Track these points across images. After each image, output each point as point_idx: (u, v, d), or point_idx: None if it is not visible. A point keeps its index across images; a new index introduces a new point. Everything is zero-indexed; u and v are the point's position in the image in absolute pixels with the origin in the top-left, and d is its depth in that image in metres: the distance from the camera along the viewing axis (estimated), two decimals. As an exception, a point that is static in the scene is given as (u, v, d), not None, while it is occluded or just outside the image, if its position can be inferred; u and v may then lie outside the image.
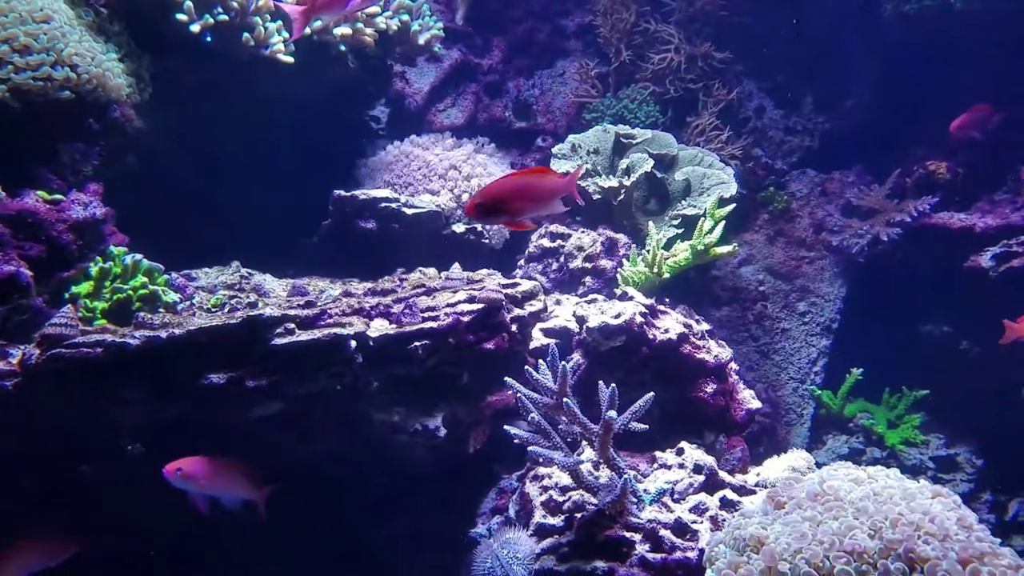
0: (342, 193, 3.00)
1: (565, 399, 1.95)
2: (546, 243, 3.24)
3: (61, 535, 2.12)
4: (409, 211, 2.99)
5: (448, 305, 2.19)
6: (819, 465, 2.09)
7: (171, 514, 2.17)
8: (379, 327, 2.17)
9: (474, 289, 2.29)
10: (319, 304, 2.20)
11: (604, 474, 2.08)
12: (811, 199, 3.81)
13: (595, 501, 2.03)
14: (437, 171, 3.24)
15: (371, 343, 2.14)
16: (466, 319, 2.15)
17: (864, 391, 3.58)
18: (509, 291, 2.35)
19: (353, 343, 2.01)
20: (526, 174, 2.03)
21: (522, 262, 3.29)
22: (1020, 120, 3.43)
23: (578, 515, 2.07)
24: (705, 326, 2.77)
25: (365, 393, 2.18)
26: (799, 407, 3.60)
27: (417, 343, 2.11)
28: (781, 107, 3.93)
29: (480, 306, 2.19)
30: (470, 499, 2.49)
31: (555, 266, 3.23)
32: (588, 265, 3.14)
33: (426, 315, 2.18)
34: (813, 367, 3.62)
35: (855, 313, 3.62)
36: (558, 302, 2.97)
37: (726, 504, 2.04)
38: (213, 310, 2.43)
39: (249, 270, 2.77)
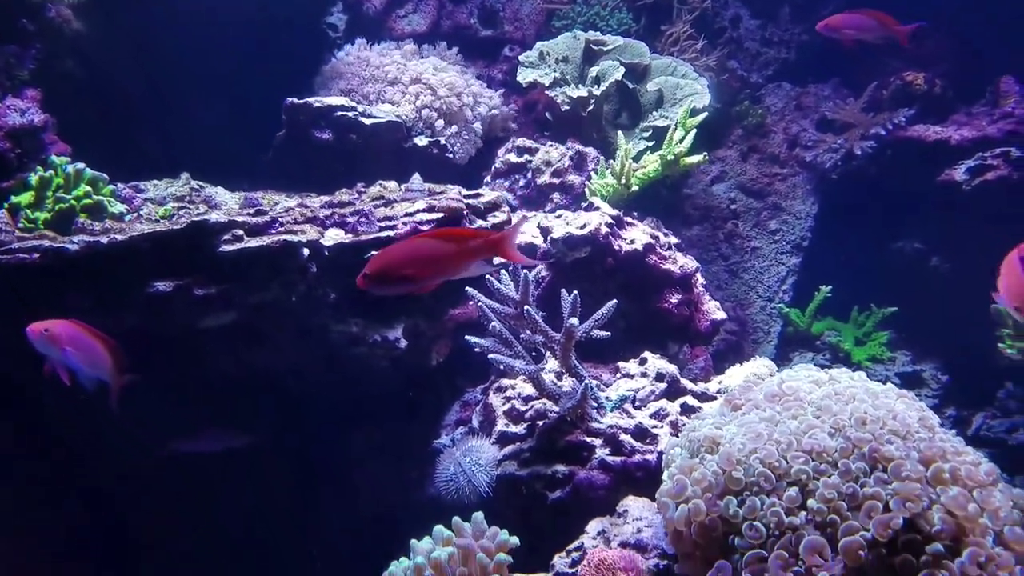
0: (295, 101, 2.86)
1: (527, 307, 1.91)
2: (513, 158, 3.14)
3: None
4: (367, 121, 2.87)
5: (407, 214, 2.12)
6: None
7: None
8: (334, 236, 2.09)
9: (434, 199, 2.21)
10: (270, 213, 2.11)
11: (567, 383, 2.06)
12: (786, 113, 3.72)
13: (557, 408, 2.01)
14: (397, 80, 3.09)
15: (326, 252, 2.07)
16: (425, 228, 2.08)
17: (833, 309, 3.58)
18: (471, 201, 2.27)
19: (306, 251, 1.94)
20: (435, 236, 1.67)
21: (488, 178, 3.20)
22: (1000, 33, 3.34)
23: (540, 423, 2.05)
24: (673, 239, 2.72)
25: (322, 304, 2.12)
26: (767, 325, 3.60)
27: (374, 252, 2.04)
28: (758, 17, 3.79)
29: (440, 215, 2.12)
30: (434, 412, 2.47)
31: (522, 182, 3.14)
32: (556, 181, 3.05)
33: (383, 224, 2.10)
34: (782, 285, 3.60)
35: (827, 230, 3.58)
36: (525, 219, 2.89)
37: (687, 410, 2.03)
38: (161, 222, 2.32)
39: (200, 183, 2.65)
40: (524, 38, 3.74)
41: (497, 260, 1.64)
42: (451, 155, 3.06)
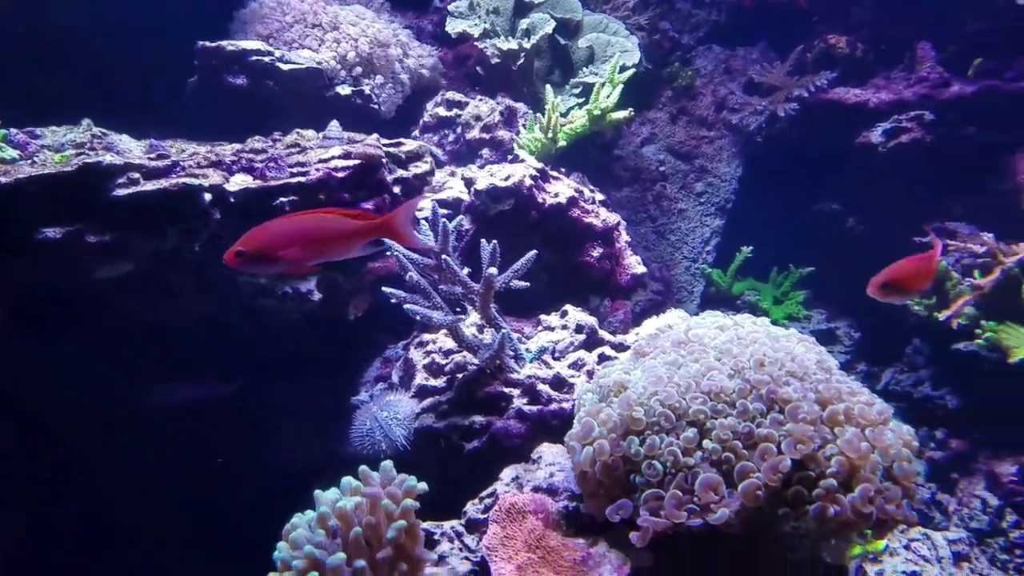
0: (207, 44, 2.72)
1: (445, 256, 1.87)
2: (442, 112, 3.08)
3: None
4: (285, 67, 2.75)
5: (320, 161, 2.04)
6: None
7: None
8: (240, 181, 2.01)
9: (351, 146, 2.14)
10: (173, 157, 2.01)
11: (488, 336, 2.05)
12: (715, 76, 3.74)
13: (476, 360, 1.99)
14: (319, 26, 2.97)
15: (231, 199, 1.98)
16: (340, 175, 2.01)
17: (755, 269, 3.66)
18: (391, 150, 2.21)
19: (207, 196, 1.85)
20: (320, 215, 1.53)
21: (416, 132, 3.13)
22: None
23: (460, 375, 2.04)
24: (599, 196, 2.72)
25: (229, 253, 2.03)
26: (691, 285, 3.66)
27: (283, 199, 1.96)
28: (690, -23, 3.79)
29: (356, 162, 2.05)
30: (355, 369, 2.43)
31: (451, 137, 3.09)
32: (486, 136, 3.01)
33: (295, 170, 2.02)
34: (706, 247, 3.66)
35: (751, 192, 3.64)
36: (453, 174, 2.85)
37: (604, 360, 2.05)
38: (51, 165, 2.19)
39: (104, 130, 2.50)
40: (450, -12, 3.65)
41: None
42: (376, 106, 2.97)
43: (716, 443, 1.34)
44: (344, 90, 2.92)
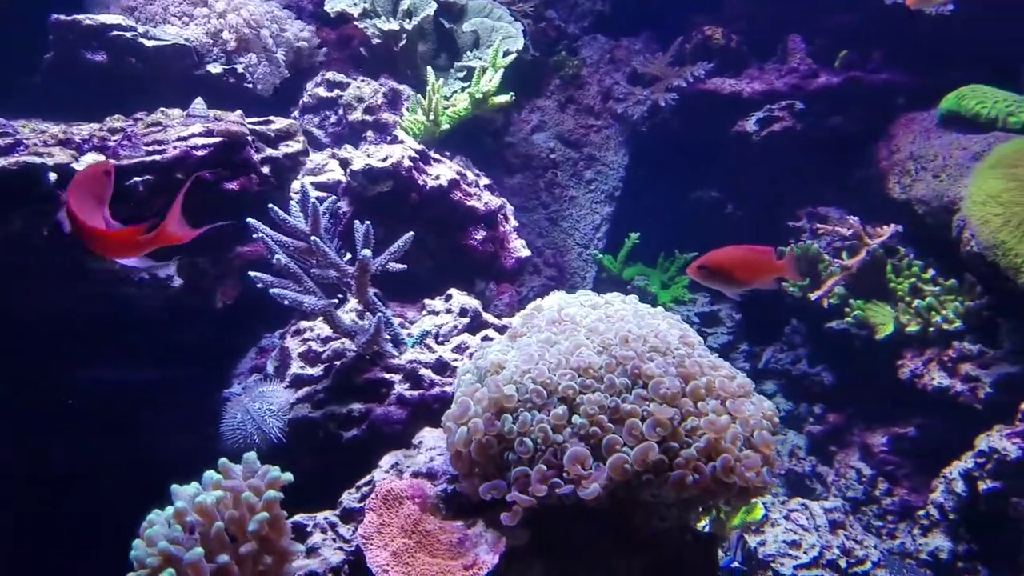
0: (62, 18, 2.52)
1: (314, 238, 1.80)
2: (322, 92, 2.97)
3: None
4: (149, 43, 2.58)
5: (179, 138, 1.92)
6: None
7: None
8: (91, 161, 1.86)
9: (213, 123, 2.02)
10: (16, 136, 1.84)
11: (368, 321, 1.98)
12: (600, 66, 3.79)
13: (355, 347, 1.93)
14: (189, 1, 2.81)
15: (83, 179, 1.83)
16: (200, 153, 1.90)
17: (644, 254, 3.75)
18: (259, 128, 2.11)
19: (52, 175, 1.70)
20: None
21: (296, 114, 3.01)
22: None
23: (338, 363, 1.96)
24: (484, 180, 2.70)
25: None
26: (583, 271, 3.70)
27: (137, 178, 1.83)
28: (574, -35, 3.83)
29: (218, 140, 1.94)
30: (228, 359, 2.31)
31: (333, 119, 2.99)
32: (369, 118, 2.93)
33: (151, 148, 1.89)
34: (596, 233, 3.71)
35: (637, 180, 3.72)
36: (334, 156, 2.75)
37: (487, 342, 2.02)
38: None
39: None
40: (337, -31, 3.53)
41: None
42: (251, 85, 2.83)
43: (584, 418, 1.34)
44: (215, 68, 2.77)
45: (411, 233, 1.89)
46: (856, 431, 3.12)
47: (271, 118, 2.22)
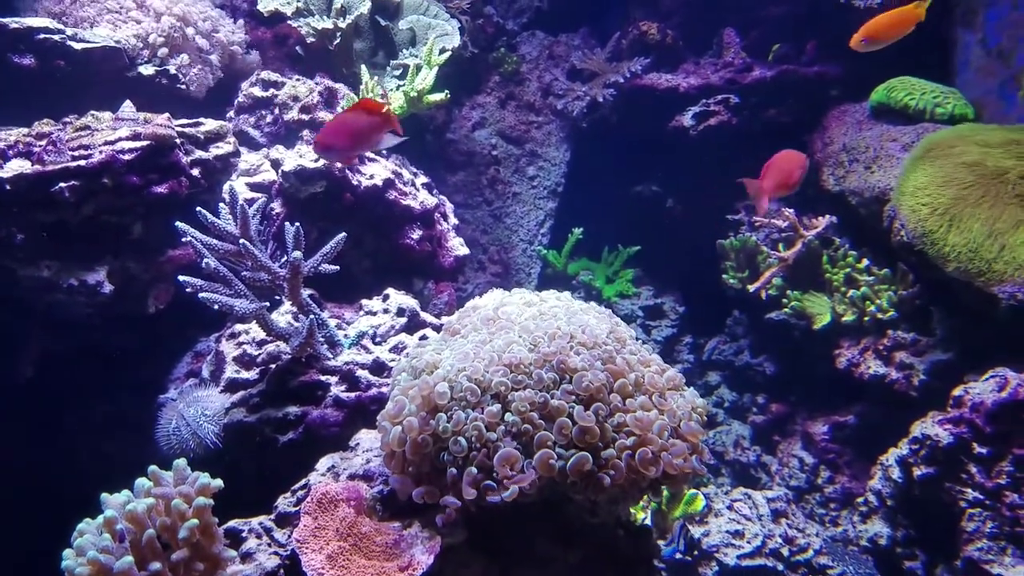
0: (-16, 20, 2.43)
1: (244, 241, 1.77)
2: (258, 92, 2.92)
3: None
4: (78, 45, 2.51)
5: (106, 142, 1.87)
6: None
7: None
8: (16, 167, 1.81)
9: (141, 127, 1.98)
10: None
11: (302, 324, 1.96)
12: (540, 62, 3.81)
13: (288, 349, 1.91)
14: (118, 2, 2.74)
15: (6, 186, 1.78)
16: (126, 157, 1.85)
17: (588, 249, 3.78)
18: (189, 130, 2.07)
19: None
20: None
21: (231, 114, 2.96)
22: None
23: (273, 366, 1.94)
24: (422, 179, 2.69)
25: (6, 245, 1.83)
26: (528, 267, 3.72)
27: (63, 184, 1.78)
28: (512, -38, 3.84)
29: (145, 143, 1.90)
30: (164, 365, 2.27)
31: (269, 119, 2.94)
32: (305, 117, 2.88)
33: (77, 153, 1.84)
34: (540, 229, 3.74)
35: (579, 175, 3.75)
36: (268, 155, 2.71)
37: (424, 341, 2.02)
38: None
39: None
40: (272, -33, 3.48)
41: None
42: (184, 86, 2.77)
43: (516, 415, 1.35)
44: (147, 70, 2.70)
45: (343, 234, 1.88)
46: (799, 420, 3.17)
47: (201, 120, 2.18)
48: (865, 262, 2.82)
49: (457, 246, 2.46)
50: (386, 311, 2.14)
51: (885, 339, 2.66)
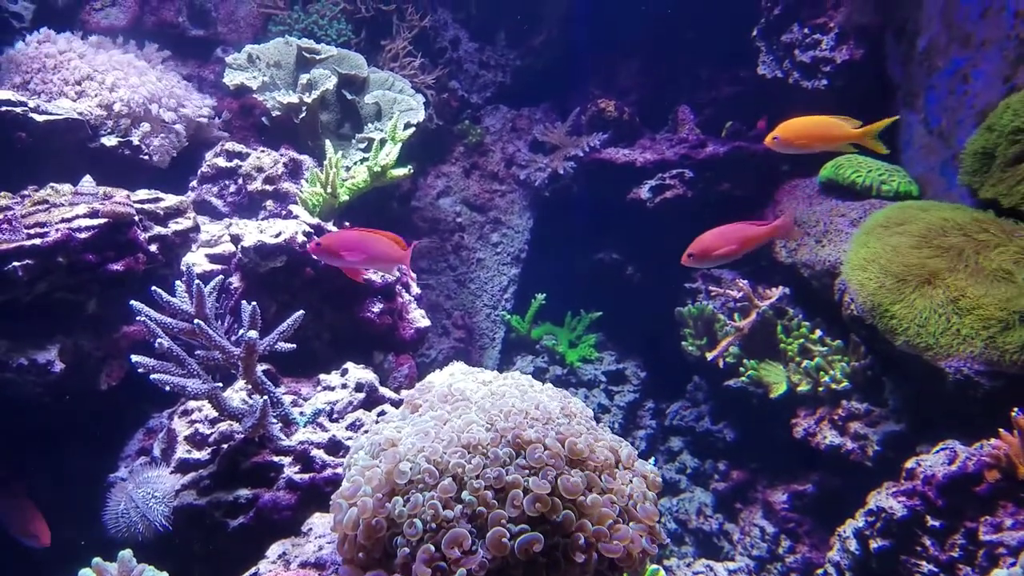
0: (-57, 91, 2.44)
1: (198, 321, 1.77)
2: (222, 163, 2.95)
3: None
4: (40, 118, 2.52)
5: (63, 220, 1.87)
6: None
7: None
8: (-32, 244, 1.79)
9: (102, 203, 1.98)
10: None
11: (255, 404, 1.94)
12: (503, 134, 3.91)
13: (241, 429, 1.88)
14: (84, 75, 2.77)
15: (-44, 264, 1.76)
16: (83, 235, 1.85)
17: (551, 314, 3.82)
18: (149, 206, 2.07)
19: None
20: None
21: (195, 183, 2.97)
22: (681, 68, 3.81)
23: (225, 446, 1.91)
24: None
25: (-46, 325, 1.80)
26: (492, 332, 3.74)
27: (16, 263, 1.77)
28: (476, 40, 3.96)
29: (103, 221, 1.90)
30: (115, 443, 2.22)
31: (233, 188, 2.96)
32: (269, 188, 2.91)
33: (33, 231, 1.83)
34: (504, 294, 3.77)
35: (541, 242, 3.82)
36: (230, 227, 2.72)
37: (383, 417, 2.01)
38: None
39: None
40: (240, 39, 3.56)
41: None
42: (147, 156, 2.79)
43: (472, 495, 1.34)
44: (110, 141, 2.72)
45: (301, 312, 1.88)
46: (759, 487, 3.17)
47: (160, 195, 2.19)
48: (818, 332, 2.87)
49: (418, 318, 2.47)
50: (344, 386, 2.13)
51: (840, 409, 2.70)
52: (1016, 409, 1.84)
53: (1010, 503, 1.87)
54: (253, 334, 1.77)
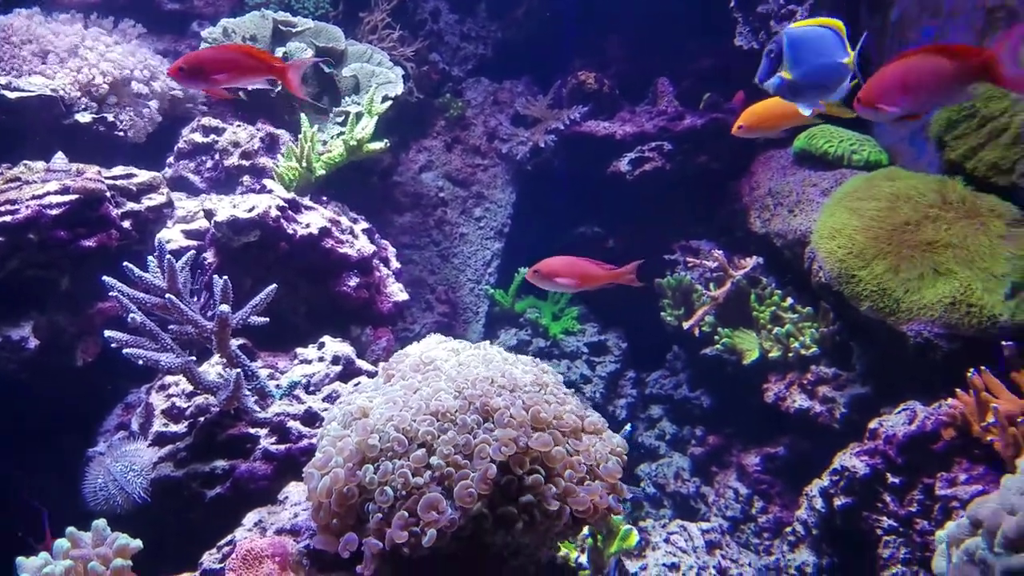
0: (-90, 68, 2.43)
1: (170, 295, 1.79)
2: (198, 138, 2.95)
3: None
4: (12, 95, 2.52)
5: (33, 197, 1.88)
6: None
7: None
8: (-60, 222, 1.80)
9: (72, 180, 1.99)
10: None
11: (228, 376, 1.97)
12: (485, 107, 3.90)
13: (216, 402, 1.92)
14: (55, 50, 2.75)
15: (-71, 242, 1.78)
16: (53, 212, 1.86)
17: (533, 287, 3.83)
18: (120, 182, 2.08)
19: None
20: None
21: (171, 160, 2.97)
22: (663, 40, 3.79)
23: (202, 419, 1.95)
24: (363, 224, 2.74)
25: (-73, 303, 1.82)
26: (475, 306, 3.77)
27: (-12, 240, 1.79)
28: (456, 11, 3.94)
29: (74, 197, 1.91)
30: (93, 418, 2.25)
31: (209, 164, 2.96)
32: (246, 163, 2.92)
33: (4, 209, 1.84)
34: (488, 268, 3.80)
35: (524, 216, 3.84)
36: (204, 203, 2.73)
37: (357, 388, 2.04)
38: None
39: None
40: (216, 13, 3.54)
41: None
42: (122, 132, 2.79)
43: (440, 459, 1.39)
44: (84, 118, 2.71)
45: (274, 286, 1.91)
46: (734, 452, 3.26)
47: (133, 171, 2.20)
48: (789, 300, 2.93)
49: (396, 292, 2.50)
50: (321, 359, 2.16)
51: (809, 374, 2.76)
52: (972, 370, 1.89)
53: (964, 459, 1.93)
54: (225, 308, 1.80)
